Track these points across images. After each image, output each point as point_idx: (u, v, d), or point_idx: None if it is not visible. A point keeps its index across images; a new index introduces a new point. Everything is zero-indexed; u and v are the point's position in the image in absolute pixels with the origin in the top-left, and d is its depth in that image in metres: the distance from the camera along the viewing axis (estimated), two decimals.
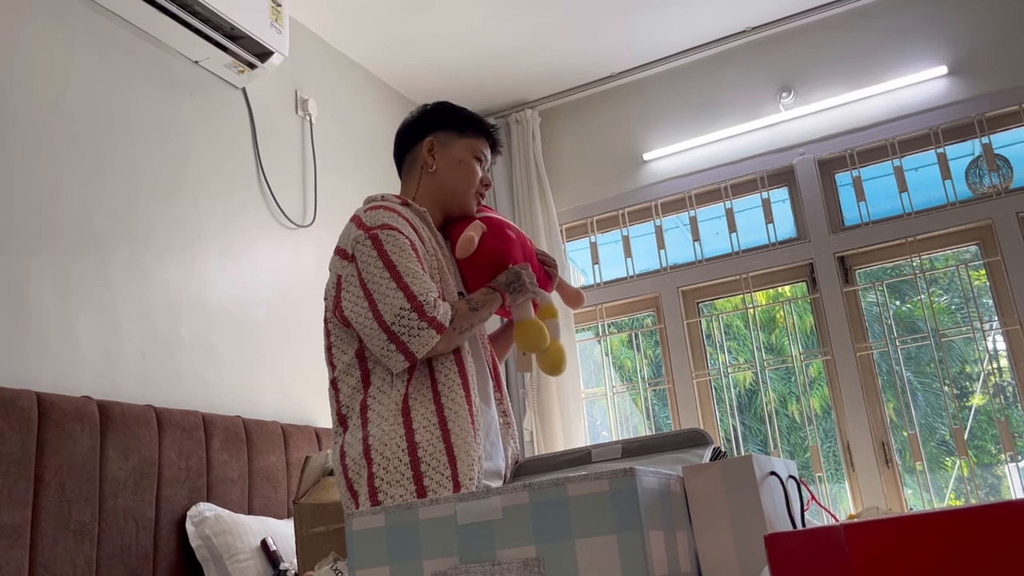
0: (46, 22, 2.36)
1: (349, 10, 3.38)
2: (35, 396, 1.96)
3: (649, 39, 3.82)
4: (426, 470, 1.48)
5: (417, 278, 1.53)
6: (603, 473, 0.89)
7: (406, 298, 1.51)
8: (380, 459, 1.50)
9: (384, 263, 1.54)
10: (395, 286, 1.52)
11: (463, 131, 1.82)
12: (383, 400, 1.55)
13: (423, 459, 1.49)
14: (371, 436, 1.52)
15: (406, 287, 1.52)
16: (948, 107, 3.45)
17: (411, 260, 1.55)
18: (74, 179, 2.34)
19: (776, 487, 1.10)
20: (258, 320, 2.86)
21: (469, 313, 1.59)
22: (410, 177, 1.84)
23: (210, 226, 2.76)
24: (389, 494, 1.48)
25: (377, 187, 3.67)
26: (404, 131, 1.85)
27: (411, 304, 1.50)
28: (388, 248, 1.56)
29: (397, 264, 1.54)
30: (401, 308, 1.50)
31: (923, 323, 3.44)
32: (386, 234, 1.58)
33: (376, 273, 1.54)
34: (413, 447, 1.50)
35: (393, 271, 1.53)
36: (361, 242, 1.59)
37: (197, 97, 2.84)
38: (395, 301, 1.51)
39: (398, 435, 1.51)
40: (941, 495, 3.40)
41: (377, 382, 1.57)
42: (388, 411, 1.54)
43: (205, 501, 2.32)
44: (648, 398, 3.89)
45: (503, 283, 1.67)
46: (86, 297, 2.29)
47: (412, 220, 1.67)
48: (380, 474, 1.49)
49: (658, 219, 3.96)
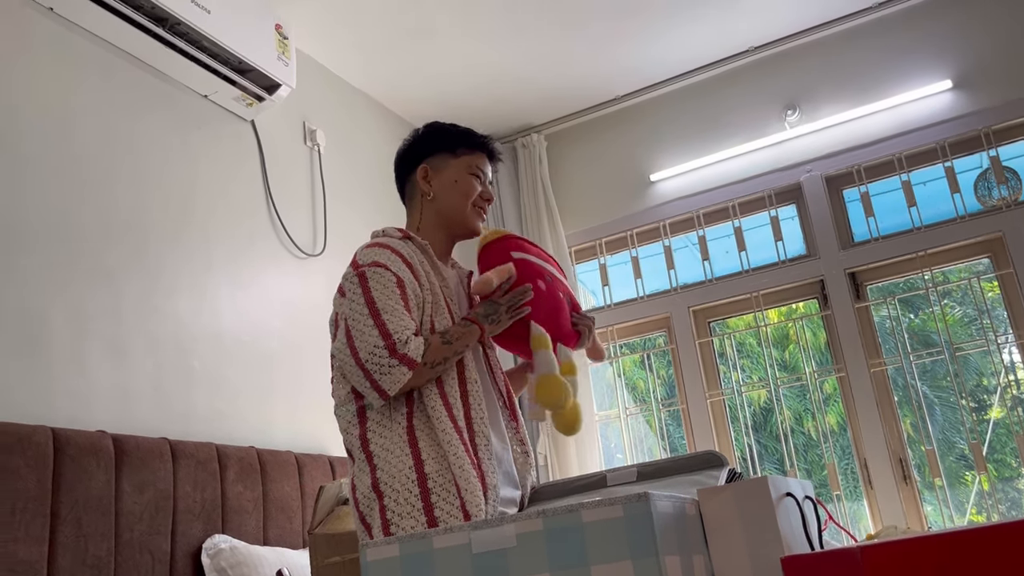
0: (57, 60, 2.40)
1: (355, 41, 3.41)
2: (50, 431, 1.97)
3: (653, 61, 3.84)
4: (437, 501, 1.48)
5: (395, 315, 1.54)
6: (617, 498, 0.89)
7: (380, 336, 1.52)
8: (390, 491, 1.50)
9: (366, 300, 1.56)
10: (372, 323, 1.53)
11: (455, 151, 1.82)
12: (385, 434, 1.55)
13: (433, 490, 1.49)
14: (379, 470, 1.53)
15: (382, 325, 1.53)
16: (954, 121, 3.45)
17: (392, 298, 1.56)
18: (85, 214, 2.36)
19: (792, 508, 1.09)
20: (270, 350, 2.87)
21: (442, 346, 1.57)
22: (412, 207, 1.85)
23: (220, 257, 2.78)
24: (401, 526, 1.48)
25: (386, 214, 3.69)
26: (399, 160, 1.87)
27: (384, 342, 1.51)
28: (372, 286, 1.58)
29: (377, 301, 1.56)
30: (374, 346, 1.51)
31: (937, 337, 3.42)
32: (372, 271, 1.60)
33: (357, 310, 1.56)
34: (423, 479, 1.50)
35: (372, 308, 1.55)
36: (350, 279, 1.62)
37: (206, 131, 2.87)
38: (369, 339, 1.52)
39: (407, 467, 1.51)
40: (962, 510, 3.36)
41: (374, 416, 1.58)
42: (393, 444, 1.54)
43: (220, 533, 2.31)
44: (662, 419, 3.87)
45: (481, 314, 1.66)
46: (99, 331, 2.30)
47: (409, 256, 1.68)
48: (391, 507, 1.49)
49: (667, 239, 3.97)
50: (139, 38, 2.55)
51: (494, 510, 1.52)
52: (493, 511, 1.52)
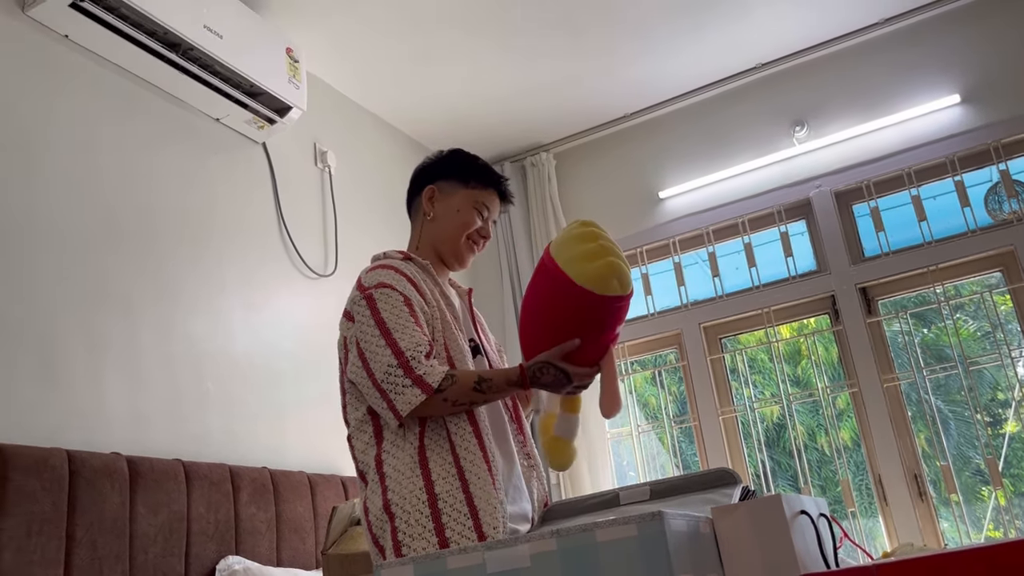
0: (72, 86, 2.43)
1: (364, 63, 3.45)
2: (66, 454, 1.98)
3: (661, 79, 3.86)
4: (447, 522, 1.48)
5: (406, 333, 1.54)
6: (631, 518, 0.89)
7: (393, 354, 1.52)
8: (401, 513, 1.50)
9: (375, 321, 1.57)
10: (384, 343, 1.53)
11: (467, 181, 1.82)
12: (397, 454, 1.55)
13: (444, 511, 1.49)
14: (390, 491, 1.53)
15: (394, 343, 1.53)
16: (963, 135, 3.45)
17: (402, 316, 1.57)
18: (100, 238, 2.38)
19: (807, 526, 1.09)
20: (282, 371, 2.88)
21: (472, 392, 1.52)
22: (414, 225, 1.87)
23: (234, 279, 2.80)
24: (413, 547, 1.48)
25: (397, 234, 3.71)
26: (415, 176, 1.89)
27: (398, 360, 1.51)
28: (380, 306, 1.58)
29: (387, 321, 1.56)
30: (389, 364, 1.51)
31: (951, 351, 3.40)
32: (380, 293, 1.60)
33: (368, 332, 1.57)
34: (433, 499, 1.50)
35: (383, 328, 1.55)
36: (357, 303, 1.63)
37: (219, 154, 2.90)
38: (383, 358, 1.52)
39: (417, 487, 1.51)
40: (979, 526, 3.33)
41: (390, 436, 1.58)
42: (404, 465, 1.54)
43: (234, 554, 2.31)
44: (674, 436, 3.86)
45: (538, 379, 1.54)
46: (113, 354, 2.32)
47: (413, 275, 1.69)
48: (403, 528, 1.49)
49: (676, 256, 3.97)
50: (152, 63, 2.58)
51: (505, 527, 1.52)
52: (504, 528, 1.52)
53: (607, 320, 1.51)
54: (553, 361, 1.51)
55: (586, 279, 1.46)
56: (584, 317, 1.49)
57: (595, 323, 1.50)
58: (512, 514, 1.60)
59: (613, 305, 1.49)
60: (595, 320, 1.50)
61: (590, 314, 1.49)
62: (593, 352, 1.53)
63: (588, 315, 1.49)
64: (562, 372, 1.51)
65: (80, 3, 2.31)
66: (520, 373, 1.54)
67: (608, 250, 1.49)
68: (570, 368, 1.51)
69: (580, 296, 1.47)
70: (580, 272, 1.47)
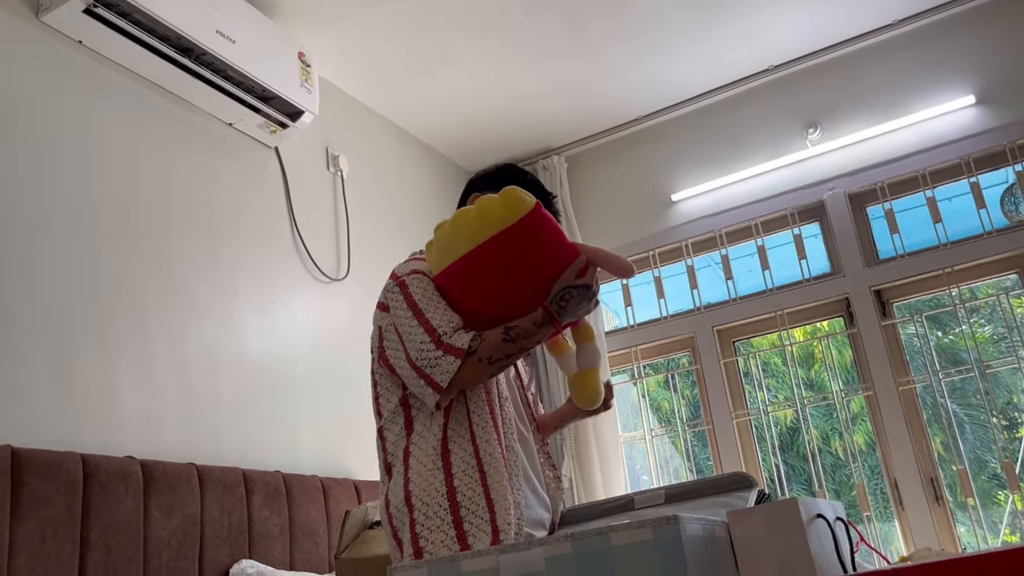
0: (85, 91, 2.44)
1: (376, 67, 3.45)
2: (80, 458, 1.98)
3: (673, 81, 3.85)
4: (465, 515, 1.48)
5: (437, 312, 1.56)
6: (646, 521, 0.88)
7: (425, 332, 1.54)
8: (421, 505, 1.51)
9: (408, 304, 1.59)
10: (416, 323, 1.56)
11: None
12: (423, 445, 1.56)
13: (462, 503, 1.49)
14: (411, 483, 1.53)
15: (426, 322, 1.55)
16: (978, 136, 3.42)
17: (433, 298, 1.58)
18: (113, 244, 2.39)
19: (824, 530, 1.08)
20: (295, 374, 2.89)
21: (502, 344, 1.50)
22: None
23: (246, 284, 2.81)
24: (430, 540, 1.48)
25: (409, 238, 3.71)
26: (467, 184, 1.89)
27: (430, 337, 1.53)
28: (412, 291, 1.60)
29: (419, 303, 1.58)
30: (421, 342, 1.53)
31: (966, 354, 3.37)
32: (412, 279, 1.63)
33: (402, 315, 1.59)
34: (452, 492, 1.50)
35: (415, 309, 1.57)
36: (391, 290, 1.65)
37: (231, 158, 2.91)
38: (416, 337, 1.54)
39: (437, 480, 1.52)
40: (995, 531, 3.30)
41: (419, 428, 1.58)
42: (427, 456, 1.54)
43: (247, 558, 2.31)
44: (687, 440, 3.84)
45: (564, 309, 1.51)
46: (127, 359, 2.33)
47: None
48: (421, 520, 1.49)
49: (689, 259, 3.95)
50: (165, 69, 2.60)
51: (520, 528, 1.51)
52: (519, 529, 1.51)
53: (543, 232, 1.50)
54: (568, 283, 1.50)
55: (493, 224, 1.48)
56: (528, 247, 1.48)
57: (541, 244, 1.49)
58: (529, 519, 1.59)
59: (536, 218, 1.48)
60: (538, 242, 1.49)
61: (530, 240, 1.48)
62: (566, 257, 1.52)
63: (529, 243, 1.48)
64: (581, 288, 1.51)
65: (94, 9, 2.33)
66: (544, 310, 1.51)
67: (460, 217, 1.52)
68: (581, 280, 1.50)
69: (511, 238, 1.48)
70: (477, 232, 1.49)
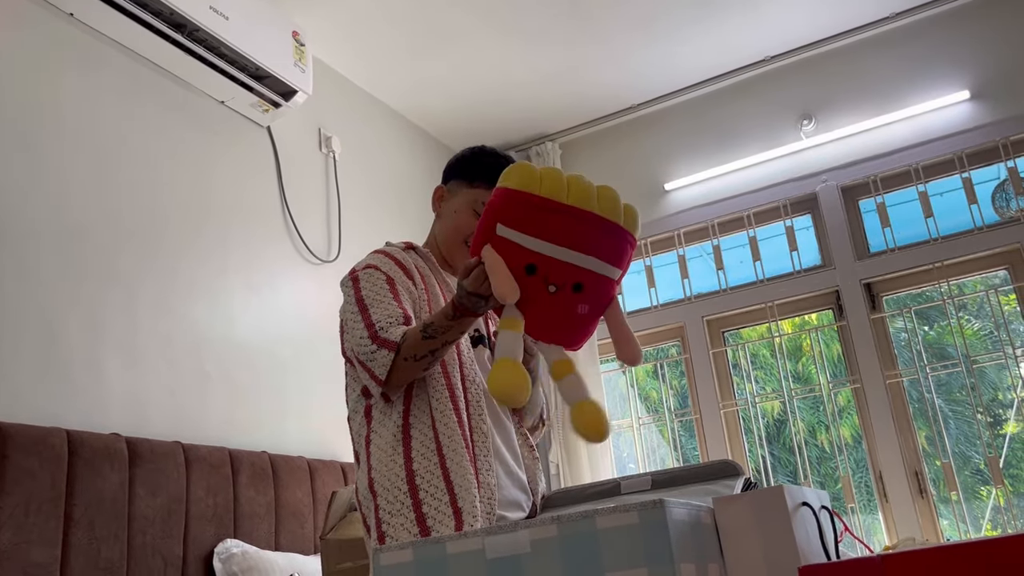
0: (76, 65, 2.41)
1: (371, 48, 3.43)
2: (65, 434, 1.97)
3: (668, 70, 3.84)
4: (424, 498, 1.48)
5: (379, 306, 1.55)
6: (632, 505, 0.88)
7: (365, 327, 1.53)
8: (383, 491, 1.51)
9: (356, 299, 1.59)
10: (359, 318, 1.55)
11: (472, 181, 1.74)
12: (382, 432, 1.57)
13: (421, 487, 1.49)
14: (374, 469, 1.54)
15: (367, 317, 1.54)
16: (971, 131, 3.43)
17: (380, 293, 1.58)
18: (101, 218, 2.37)
19: (809, 518, 1.08)
20: (283, 355, 2.88)
21: (423, 341, 1.45)
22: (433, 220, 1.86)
23: (235, 263, 2.79)
24: (392, 524, 1.48)
25: (401, 221, 3.69)
26: (443, 173, 1.86)
27: (368, 332, 1.52)
28: (362, 285, 1.60)
29: (365, 298, 1.58)
30: (360, 337, 1.53)
31: (954, 350, 3.39)
32: (364, 273, 1.62)
33: (349, 310, 1.59)
34: (411, 476, 1.50)
35: (360, 305, 1.57)
36: (345, 284, 1.65)
37: (223, 136, 2.88)
38: (357, 331, 1.54)
39: (397, 465, 1.52)
40: (977, 525, 3.33)
41: (377, 415, 1.59)
42: (386, 443, 1.55)
43: (232, 537, 2.31)
44: (675, 429, 3.85)
45: (463, 304, 1.41)
46: (114, 335, 2.31)
47: (405, 261, 1.68)
48: (384, 505, 1.50)
49: (681, 248, 3.95)
50: (157, 44, 2.57)
51: (489, 509, 1.51)
52: (488, 510, 1.50)
53: (488, 213, 1.36)
54: (461, 278, 1.39)
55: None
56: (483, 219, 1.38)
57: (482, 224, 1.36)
58: (503, 500, 1.58)
59: (493, 199, 1.37)
60: (483, 219, 1.37)
61: (484, 214, 1.37)
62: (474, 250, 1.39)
63: (484, 215, 1.37)
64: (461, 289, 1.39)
65: None
66: (451, 304, 1.43)
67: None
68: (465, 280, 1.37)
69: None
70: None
